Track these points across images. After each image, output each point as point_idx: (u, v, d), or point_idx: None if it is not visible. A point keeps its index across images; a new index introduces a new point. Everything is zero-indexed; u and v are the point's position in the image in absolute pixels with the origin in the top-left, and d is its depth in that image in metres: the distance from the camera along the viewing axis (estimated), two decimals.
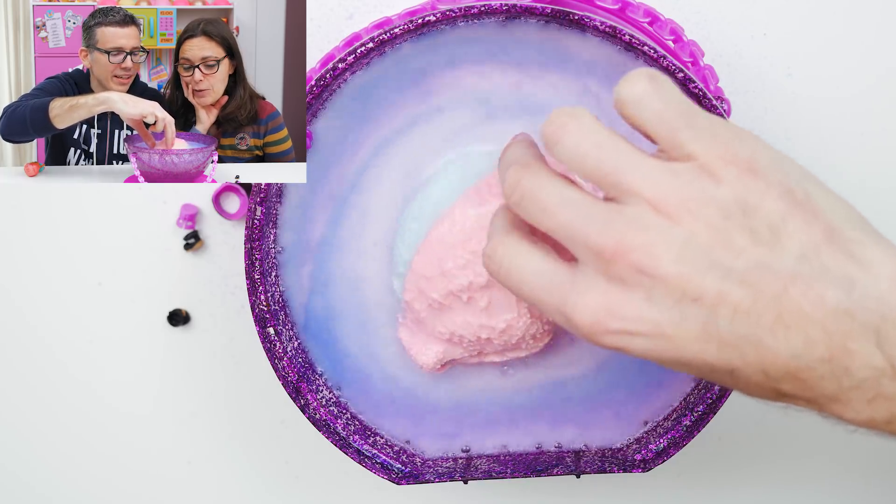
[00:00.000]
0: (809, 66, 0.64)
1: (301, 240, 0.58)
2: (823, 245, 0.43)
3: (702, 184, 0.44)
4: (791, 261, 0.43)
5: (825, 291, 0.43)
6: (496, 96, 0.56)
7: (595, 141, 0.45)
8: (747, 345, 0.43)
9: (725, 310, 0.43)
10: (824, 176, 0.65)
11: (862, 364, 0.43)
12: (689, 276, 0.43)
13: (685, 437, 0.57)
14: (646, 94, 0.45)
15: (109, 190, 0.66)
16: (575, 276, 0.45)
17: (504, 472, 0.58)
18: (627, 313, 0.44)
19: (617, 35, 0.53)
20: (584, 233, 0.44)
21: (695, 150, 0.44)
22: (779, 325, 0.43)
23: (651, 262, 0.43)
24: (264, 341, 0.57)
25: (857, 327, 0.43)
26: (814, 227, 0.43)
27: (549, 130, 0.46)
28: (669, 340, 0.44)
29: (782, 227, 0.43)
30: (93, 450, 0.68)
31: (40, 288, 0.67)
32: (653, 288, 0.43)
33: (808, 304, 0.43)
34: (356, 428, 0.59)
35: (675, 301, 0.43)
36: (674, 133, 0.44)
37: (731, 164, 0.44)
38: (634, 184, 0.44)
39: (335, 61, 0.54)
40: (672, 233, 0.43)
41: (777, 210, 0.43)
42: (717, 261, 0.43)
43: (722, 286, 0.43)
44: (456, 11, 0.53)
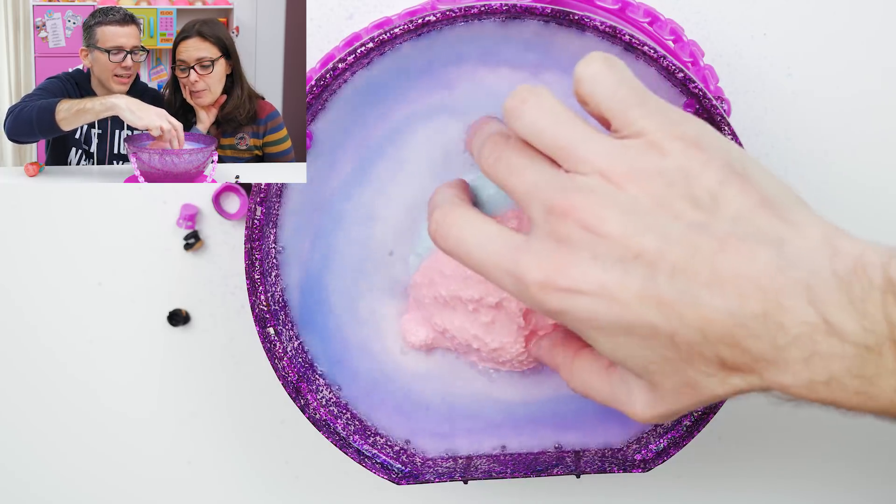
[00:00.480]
0: (809, 65, 0.64)
1: (301, 239, 0.58)
2: (758, 210, 0.45)
3: (649, 156, 0.46)
4: (726, 223, 0.45)
5: (758, 250, 0.44)
6: (496, 96, 0.56)
7: (553, 116, 0.48)
8: (685, 304, 0.45)
9: (664, 267, 0.45)
10: (824, 176, 0.65)
11: (795, 320, 0.44)
12: (632, 234, 0.45)
13: (685, 437, 0.57)
14: (600, 73, 0.48)
15: (109, 190, 0.66)
16: (527, 240, 0.48)
17: (504, 472, 0.58)
18: (574, 272, 0.46)
19: (617, 35, 0.53)
20: (540, 193, 0.47)
21: (645, 127, 0.47)
22: (714, 282, 0.44)
23: (596, 221, 0.46)
24: (264, 341, 0.57)
25: (789, 284, 0.44)
26: (750, 195, 0.46)
27: (510, 104, 0.49)
28: (612, 300, 0.46)
29: (720, 193, 0.45)
30: (93, 450, 0.68)
31: (40, 288, 0.67)
32: (597, 246, 0.46)
33: (741, 261, 0.44)
34: (356, 428, 0.59)
35: (617, 258, 0.45)
36: (625, 110, 0.47)
37: (678, 139, 0.46)
38: (587, 156, 0.47)
39: (335, 61, 0.54)
40: (617, 197, 0.46)
41: (716, 178, 0.46)
42: (658, 222, 0.45)
43: (661, 245, 0.45)
44: (456, 11, 0.53)
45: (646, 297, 0.45)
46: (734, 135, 0.53)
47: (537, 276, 0.47)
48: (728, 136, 0.53)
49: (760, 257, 0.44)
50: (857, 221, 0.65)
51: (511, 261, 0.47)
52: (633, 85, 0.48)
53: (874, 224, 0.65)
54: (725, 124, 0.53)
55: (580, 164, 0.47)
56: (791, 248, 0.44)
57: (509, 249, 0.48)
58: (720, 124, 0.53)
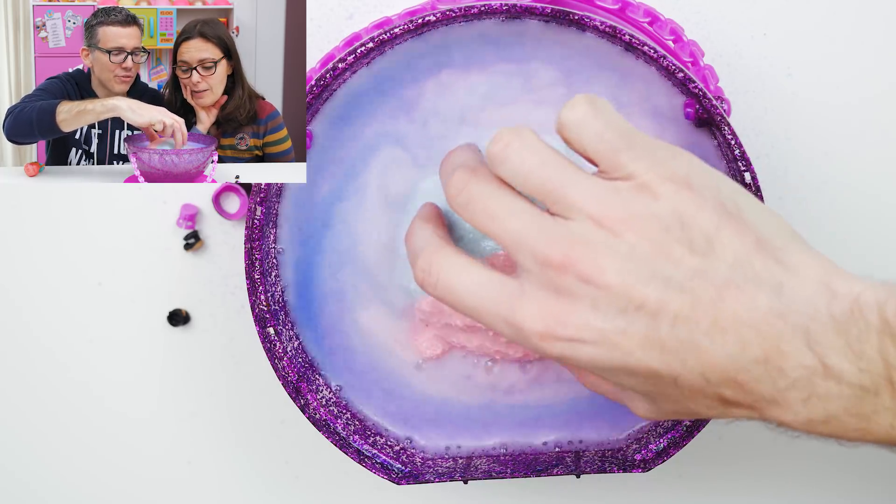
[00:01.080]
0: (809, 66, 0.64)
1: (301, 239, 0.58)
2: (754, 253, 0.45)
3: (642, 200, 0.46)
4: (725, 268, 0.45)
5: (757, 295, 0.45)
6: (495, 96, 0.56)
7: (540, 159, 0.47)
8: (687, 350, 0.45)
9: (666, 316, 0.45)
10: (824, 176, 0.65)
11: (794, 364, 0.44)
12: (633, 285, 0.45)
13: (685, 437, 0.57)
14: (586, 117, 0.47)
15: (109, 190, 0.66)
16: (522, 285, 0.47)
17: (504, 472, 0.58)
18: (575, 321, 0.46)
19: (617, 35, 0.53)
20: (531, 243, 0.46)
21: (635, 170, 0.46)
22: (715, 329, 0.45)
23: (596, 272, 0.45)
24: (264, 341, 0.57)
25: (787, 329, 0.44)
26: (745, 236, 0.46)
27: (494, 149, 0.47)
28: (615, 347, 0.45)
29: (716, 237, 0.45)
30: (92, 450, 0.68)
31: (40, 288, 0.67)
32: (598, 297, 0.45)
33: (741, 308, 0.45)
34: (356, 428, 0.59)
35: (619, 309, 0.45)
36: (614, 154, 0.46)
37: (669, 181, 0.46)
38: (578, 200, 0.46)
39: (335, 61, 0.54)
40: (615, 246, 0.45)
41: (711, 221, 0.45)
42: (658, 270, 0.45)
43: (663, 294, 0.45)
44: (456, 11, 0.53)
45: (648, 344, 0.45)
46: (734, 135, 0.53)
47: (537, 326, 0.46)
48: (728, 136, 0.53)
49: (760, 303, 0.45)
50: (857, 221, 0.65)
51: (507, 309, 0.47)
52: (619, 127, 0.47)
53: (874, 224, 0.65)
54: (725, 124, 0.53)
55: (570, 208, 0.46)
56: (789, 292, 0.45)
57: (504, 297, 0.47)
58: (720, 124, 0.53)
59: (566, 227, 0.46)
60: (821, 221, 0.65)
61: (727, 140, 0.54)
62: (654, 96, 0.55)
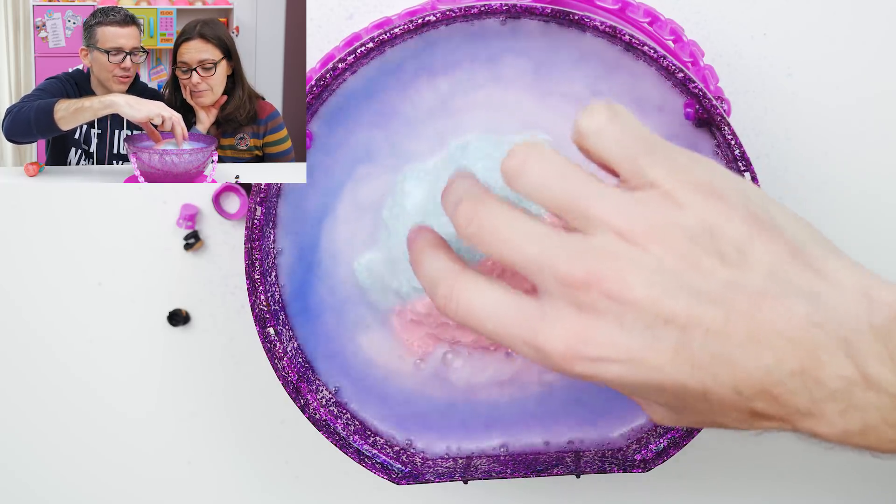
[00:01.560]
0: (809, 66, 0.64)
1: (300, 239, 0.58)
2: (789, 262, 0.44)
3: (666, 210, 0.44)
4: (759, 279, 0.44)
5: (794, 306, 0.43)
6: (495, 95, 0.56)
7: (558, 172, 0.45)
8: (720, 364, 0.44)
9: (698, 330, 0.44)
10: (824, 176, 0.65)
11: (833, 374, 0.43)
12: (661, 299, 0.44)
13: (685, 437, 0.57)
14: (606, 125, 0.45)
15: (109, 190, 0.66)
16: (542, 306, 0.45)
17: (504, 472, 0.58)
18: (600, 340, 0.44)
19: (617, 35, 0.53)
20: (551, 264, 0.45)
21: (656, 178, 0.45)
22: (750, 343, 0.43)
23: (622, 288, 0.44)
24: (264, 341, 0.57)
25: (826, 339, 0.43)
26: (778, 245, 0.44)
27: (511, 164, 0.46)
28: (643, 364, 0.44)
29: (749, 247, 0.44)
30: (92, 450, 0.68)
31: (40, 288, 0.67)
32: (624, 314, 0.44)
33: (778, 320, 0.43)
34: (356, 428, 0.59)
35: (646, 325, 0.44)
36: (634, 161, 0.45)
37: (693, 190, 0.44)
38: (600, 213, 0.44)
39: (335, 61, 0.54)
40: (641, 259, 0.44)
41: (742, 231, 0.44)
42: (688, 283, 0.44)
43: (693, 307, 0.44)
44: (456, 11, 0.53)
45: (678, 359, 0.44)
46: (734, 135, 0.53)
47: (559, 346, 0.45)
48: (728, 136, 0.53)
49: (797, 313, 0.43)
50: (857, 222, 0.65)
51: (529, 331, 0.45)
52: (638, 133, 0.46)
53: (874, 224, 0.65)
54: (725, 124, 0.53)
55: (591, 222, 0.44)
56: (826, 301, 0.44)
57: (524, 318, 0.46)
58: (720, 124, 0.53)
59: (587, 242, 0.44)
60: (821, 221, 0.65)
61: (727, 140, 0.54)
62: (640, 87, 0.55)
